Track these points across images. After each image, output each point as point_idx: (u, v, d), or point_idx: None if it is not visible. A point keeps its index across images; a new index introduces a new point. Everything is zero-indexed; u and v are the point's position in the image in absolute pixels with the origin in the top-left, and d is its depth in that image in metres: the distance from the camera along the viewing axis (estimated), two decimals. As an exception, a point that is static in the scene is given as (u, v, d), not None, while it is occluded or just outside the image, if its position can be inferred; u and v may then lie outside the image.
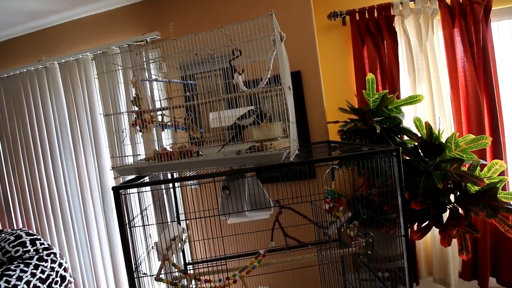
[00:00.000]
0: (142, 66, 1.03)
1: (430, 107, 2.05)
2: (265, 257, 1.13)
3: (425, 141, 1.50)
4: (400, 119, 1.59)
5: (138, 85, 1.09)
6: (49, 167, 2.45)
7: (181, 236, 1.29)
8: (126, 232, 0.87)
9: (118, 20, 2.26)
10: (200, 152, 1.03)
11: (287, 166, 0.83)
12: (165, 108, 1.11)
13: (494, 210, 1.39)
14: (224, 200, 1.14)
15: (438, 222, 1.52)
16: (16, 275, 2.00)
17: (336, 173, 1.44)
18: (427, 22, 2.03)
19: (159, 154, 0.95)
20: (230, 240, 1.69)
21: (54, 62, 2.33)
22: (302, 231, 1.52)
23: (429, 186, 1.46)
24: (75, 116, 2.34)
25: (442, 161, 1.48)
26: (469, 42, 1.98)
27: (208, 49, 0.93)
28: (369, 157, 1.01)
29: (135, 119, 1.12)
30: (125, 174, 0.99)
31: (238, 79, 1.23)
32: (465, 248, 1.52)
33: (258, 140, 0.91)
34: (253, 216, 1.15)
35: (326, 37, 2.24)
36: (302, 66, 1.95)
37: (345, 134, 1.75)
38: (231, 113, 1.15)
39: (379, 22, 2.08)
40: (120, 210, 0.87)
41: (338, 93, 2.20)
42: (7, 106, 2.50)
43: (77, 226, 2.46)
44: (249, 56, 1.17)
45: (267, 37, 0.88)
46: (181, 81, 1.32)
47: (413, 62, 2.06)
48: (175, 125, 1.29)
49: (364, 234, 1.10)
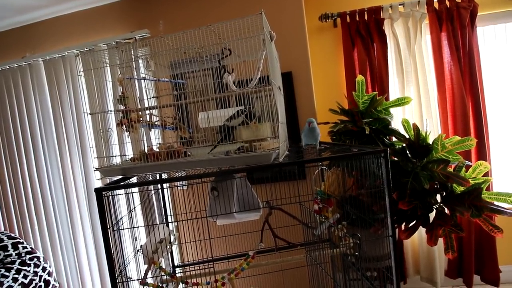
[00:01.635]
0: (128, 63, 1.01)
1: (417, 109, 2.08)
2: (254, 259, 1.12)
3: (413, 143, 1.52)
4: (389, 121, 1.61)
5: (124, 83, 1.06)
6: (33, 168, 2.37)
7: (169, 238, 1.27)
8: (110, 235, 0.84)
9: (106, 17, 2.21)
10: (188, 152, 1.01)
11: (276, 167, 0.82)
12: (152, 107, 1.09)
13: (478, 210, 1.42)
14: (213, 201, 1.13)
15: (425, 222, 1.54)
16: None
17: (326, 174, 1.45)
18: (415, 26, 2.07)
19: (145, 155, 0.93)
20: (219, 242, 1.67)
21: (38, 59, 2.26)
22: (292, 232, 1.51)
23: (417, 186, 1.49)
24: (60, 115, 2.27)
25: (429, 162, 1.51)
26: (455, 46, 2.03)
27: (197, 47, 0.92)
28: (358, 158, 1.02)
29: (121, 119, 1.09)
30: (110, 175, 0.96)
31: (228, 79, 1.22)
32: (450, 247, 1.55)
33: (247, 141, 0.90)
34: (242, 217, 1.14)
35: (317, 39, 2.25)
36: (293, 67, 1.95)
37: (335, 135, 1.76)
38: (221, 113, 1.14)
39: (369, 25, 2.10)
40: (103, 212, 0.84)
41: (329, 95, 2.21)
42: (-11, 104, 2.41)
43: (62, 229, 2.38)
44: (239, 56, 1.16)
45: (257, 36, 0.87)
46: (170, 80, 1.29)
47: (401, 65, 2.09)
48: (163, 125, 1.27)
49: (351, 235, 1.11)
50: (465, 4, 2.01)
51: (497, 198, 1.45)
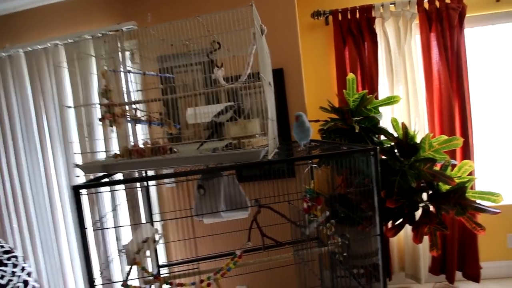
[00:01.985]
0: (111, 55, 0.96)
1: (406, 108, 2.11)
2: (241, 258, 1.10)
3: (401, 141, 1.53)
4: (378, 119, 1.62)
5: (107, 76, 1.01)
6: (12, 163, 2.26)
7: (153, 237, 1.23)
8: (87, 236, 0.80)
9: (91, 8, 2.12)
10: (174, 149, 0.98)
11: (265, 165, 0.80)
12: (138, 101, 1.04)
13: (463, 208, 1.45)
14: (199, 200, 1.10)
15: (411, 220, 1.56)
16: (-28, 280, 1.83)
17: (316, 172, 1.44)
18: (406, 25, 2.08)
19: (129, 151, 0.89)
20: (206, 240, 1.64)
21: (19, 50, 2.15)
22: (280, 230, 1.50)
23: (404, 185, 1.50)
24: (42, 109, 2.17)
25: (417, 161, 1.52)
26: (444, 47, 2.06)
27: (184, 39, 0.88)
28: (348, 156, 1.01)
29: (104, 113, 1.05)
30: (91, 172, 0.92)
31: (217, 74, 1.18)
32: (435, 245, 1.58)
33: (236, 137, 0.87)
34: (229, 216, 1.12)
35: (309, 36, 2.23)
36: (285, 63, 1.93)
37: (325, 133, 1.76)
38: (209, 109, 1.11)
39: (361, 23, 2.10)
40: (81, 211, 0.80)
41: (319, 92, 2.21)
42: (-35, 96, 2.28)
43: (43, 228, 2.29)
44: (228, 50, 1.13)
45: (247, 29, 0.84)
46: (157, 74, 1.25)
47: (391, 64, 2.10)
48: (149, 120, 1.23)
49: (340, 235, 1.11)
50: (455, 5, 2.04)
51: (481, 197, 1.48)
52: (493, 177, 2.23)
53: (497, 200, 1.43)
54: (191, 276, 1.25)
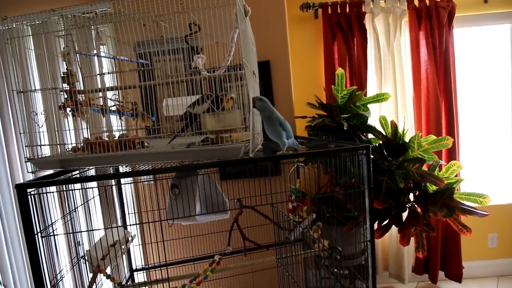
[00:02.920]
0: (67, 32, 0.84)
1: (393, 106, 2.07)
2: (219, 265, 1.01)
3: (390, 140, 1.48)
4: (367, 117, 1.56)
5: (69, 58, 0.88)
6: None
7: (124, 240, 1.12)
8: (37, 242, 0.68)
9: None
10: (145, 143, 0.87)
11: (245, 163, 0.71)
12: (104, 89, 0.92)
13: (450, 210, 1.42)
14: (173, 201, 0.99)
15: (398, 221, 1.52)
16: None
17: (302, 170, 1.37)
18: (395, 22, 2.04)
19: (90, 144, 0.77)
20: (185, 242, 1.54)
21: (-21, 30, 1.94)
22: (263, 231, 1.42)
23: (391, 185, 1.45)
24: (5, 94, 1.97)
25: (405, 161, 1.48)
26: (432, 46, 2.03)
27: (154, 15, 0.77)
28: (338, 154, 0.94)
29: (65, 100, 0.92)
30: (46, 168, 0.80)
31: (197, 61, 1.07)
32: (421, 247, 1.55)
33: (214, 131, 0.77)
34: (206, 219, 1.02)
35: (297, 29, 2.15)
36: (272, 56, 1.83)
37: (312, 130, 1.68)
38: (187, 101, 1.00)
39: (351, 18, 2.04)
40: (28, 215, 0.68)
41: (307, 87, 2.13)
42: None
43: (7, 224, 2.10)
44: (210, 36, 1.02)
45: (227, 6, 0.74)
46: (130, 59, 1.12)
47: (380, 62, 2.06)
48: (120, 111, 1.10)
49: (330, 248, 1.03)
50: (444, 3, 2.01)
51: (468, 198, 1.46)
52: (477, 177, 2.24)
53: (484, 201, 1.41)
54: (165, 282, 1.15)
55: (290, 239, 1.06)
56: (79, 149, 0.83)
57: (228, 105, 0.92)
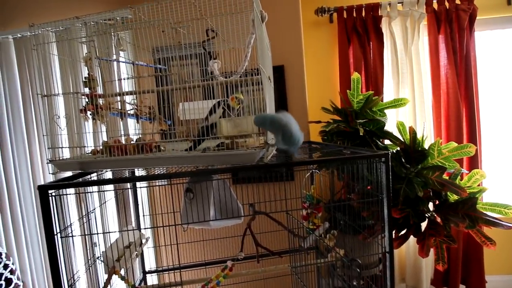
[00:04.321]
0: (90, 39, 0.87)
1: (411, 112, 2.01)
2: (232, 271, 1.00)
3: (408, 147, 1.44)
4: (384, 122, 1.52)
5: (91, 64, 0.91)
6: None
7: (138, 241, 1.13)
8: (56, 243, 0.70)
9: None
10: (161, 147, 0.88)
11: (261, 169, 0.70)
12: (124, 93, 0.94)
13: (472, 221, 1.35)
14: (188, 205, 0.99)
15: (417, 231, 1.46)
16: None
17: (316, 177, 1.34)
18: (413, 26, 1.99)
19: (109, 147, 0.79)
20: (196, 245, 1.54)
21: (8, 37, 2.04)
22: (277, 238, 1.40)
23: (410, 193, 1.40)
24: (29, 98, 2.06)
25: (424, 168, 1.43)
26: (453, 50, 1.97)
27: (173, 22, 0.78)
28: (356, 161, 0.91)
29: (86, 104, 0.95)
30: (66, 170, 0.82)
31: (213, 66, 1.08)
32: (441, 259, 1.48)
33: (229, 136, 0.77)
34: (220, 225, 1.02)
35: (312, 34, 2.14)
36: (286, 61, 1.83)
37: (327, 135, 1.66)
38: (203, 105, 1.01)
39: (367, 22, 2.01)
40: (49, 216, 0.70)
41: (321, 92, 2.11)
42: (-51, 84, 2.17)
43: (28, 223, 2.18)
44: (225, 40, 1.02)
45: (245, 12, 0.74)
46: (148, 65, 1.15)
47: (397, 66, 2.01)
48: (138, 115, 1.13)
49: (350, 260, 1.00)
50: (465, 6, 1.95)
51: (492, 209, 1.38)
52: (501, 187, 2.14)
53: (509, 213, 1.34)
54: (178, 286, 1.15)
55: (304, 248, 1.04)
56: (98, 152, 0.85)
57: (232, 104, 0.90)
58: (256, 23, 0.73)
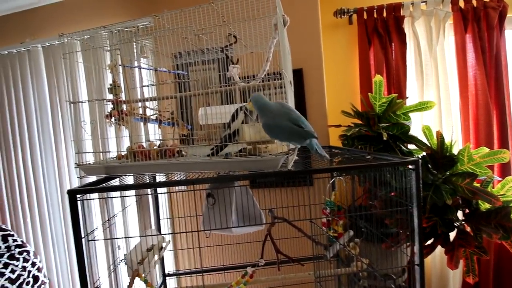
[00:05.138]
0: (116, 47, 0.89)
1: (437, 115, 1.93)
2: (252, 278, 0.99)
3: (435, 152, 1.37)
4: (409, 127, 1.46)
5: (116, 71, 0.93)
6: (27, 158, 2.26)
7: (159, 245, 1.14)
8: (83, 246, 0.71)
9: (108, 3, 2.09)
10: (183, 152, 0.88)
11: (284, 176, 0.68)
12: (146, 99, 0.96)
13: (507, 232, 1.26)
14: (209, 210, 0.99)
15: (445, 241, 1.39)
16: (-19, 275, 1.81)
17: (338, 183, 1.31)
18: (438, 26, 1.91)
19: (133, 152, 0.80)
20: (215, 250, 1.54)
21: (37, 45, 2.15)
22: (296, 244, 1.38)
23: (437, 201, 1.33)
24: (57, 104, 2.16)
25: (453, 175, 1.35)
26: (481, 49, 1.87)
27: (196, 29, 0.79)
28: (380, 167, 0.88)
29: (111, 110, 0.97)
30: (92, 174, 0.84)
31: (233, 71, 1.08)
32: (472, 271, 1.39)
33: (251, 142, 0.76)
34: (241, 231, 1.01)
35: (330, 36, 2.10)
36: (305, 64, 1.81)
37: (347, 139, 1.62)
38: (222, 110, 1.01)
39: (388, 23, 1.95)
40: (77, 219, 0.72)
41: (340, 96, 2.07)
42: (-15, 90, 2.31)
43: (54, 223, 2.28)
44: (246, 46, 1.02)
45: (267, 16, 0.74)
46: (169, 71, 1.17)
47: (421, 67, 1.94)
48: (159, 120, 1.14)
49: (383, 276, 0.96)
50: (494, 4, 1.85)
51: (529, 219, 1.29)
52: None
53: (549, 224, 1.24)
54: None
55: (328, 256, 1.01)
56: (122, 157, 0.87)
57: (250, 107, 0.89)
58: (279, 28, 0.72)
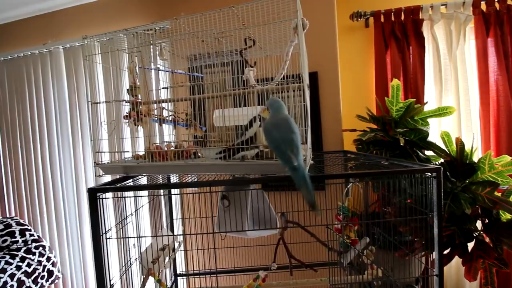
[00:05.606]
0: (137, 49, 0.91)
1: (456, 121, 1.87)
2: (265, 281, 0.98)
3: (454, 159, 1.33)
4: (427, 132, 1.42)
5: (135, 72, 0.95)
6: (46, 156, 2.34)
7: (172, 245, 1.15)
8: (102, 244, 0.73)
9: (127, 7, 2.15)
10: (199, 153, 0.89)
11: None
12: (164, 100, 0.97)
13: (530, 244, 1.21)
14: (222, 212, 0.99)
15: (463, 252, 1.34)
16: (0, 267, 1.88)
17: (353, 188, 1.29)
18: (458, 29, 1.86)
19: (151, 153, 0.82)
20: (226, 251, 1.54)
21: (58, 47, 2.23)
22: (308, 249, 1.36)
23: (456, 210, 1.29)
24: (75, 104, 2.23)
25: (472, 183, 1.31)
26: (504, 54, 1.81)
27: (216, 32, 0.80)
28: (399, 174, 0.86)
29: (129, 111, 0.99)
30: (111, 173, 0.86)
31: (249, 74, 1.09)
32: (491, 283, 1.34)
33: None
34: (256, 234, 1.00)
35: (346, 39, 2.08)
36: (320, 67, 1.79)
37: (362, 144, 1.59)
38: (238, 112, 1.01)
39: (406, 26, 1.92)
40: (97, 217, 0.73)
41: (355, 100, 2.04)
42: (9, 89, 2.41)
43: (69, 220, 2.34)
44: (261, 48, 1.02)
45: (288, 20, 0.74)
46: (186, 73, 1.18)
47: (440, 72, 1.89)
48: (175, 121, 1.16)
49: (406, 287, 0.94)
50: (519, 7, 1.79)
51: (555, 232, 1.23)
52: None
53: None
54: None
55: (344, 264, 0.99)
56: (140, 157, 0.89)
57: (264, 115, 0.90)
58: (299, 31, 0.72)
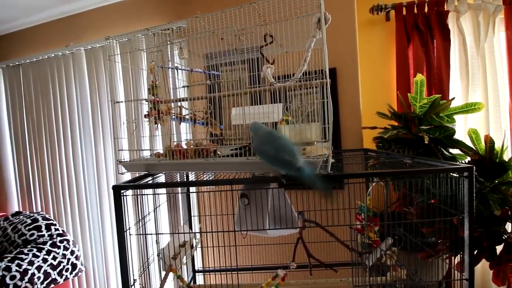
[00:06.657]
0: (159, 48, 0.92)
1: (483, 118, 1.77)
2: (284, 280, 0.98)
3: (483, 158, 1.26)
4: (454, 130, 1.36)
5: (155, 72, 0.97)
6: (69, 153, 2.43)
7: (191, 241, 1.17)
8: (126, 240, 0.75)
9: (145, 8, 2.18)
10: (218, 152, 0.89)
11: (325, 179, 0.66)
12: (183, 99, 0.98)
13: None
14: (242, 210, 0.99)
15: (491, 255, 1.28)
16: (28, 259, 1.98)
17: (374, 187, 1.25)
18: (487, 20, 1.76)
19: (171, 151, 0.83)
20: (244, 249, 1.54)
21: (80, 48, 2.30)
22: (327, 248, 1.34)
23: (484, 211, 1.23)
24: (97, 104, 2.29)
25: (502, 183, 1.24)
26: (538, 46, 1.69)
27: (236, 29, 0.79)
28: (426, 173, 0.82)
29: (149, 109, 1.00)
30: (133, 170, 0.88)
31: (267, 72, 1.07)
32: (522, 289, 1.27)
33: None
34: (276, 233, 0.99)
35: (366, 33, 2.02)
36: (339, 63, 1.75)
37: (383, 142, 1.54)
38: (256, 110, 1.00)
39: (430, 18, 1.83)
40: (121, 214, 0.75)
41: (375, 96, 1.98)
42: (34, 90, 2.52)
43: (91, 215, 2.42)
44: (281, 45, 1.01)
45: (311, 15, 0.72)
46: (204, 71, 1.18)
47: (467, 66, 1.79)
48: (193, 119, 1.16)
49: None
50: (555, -6, 1.67)
51: None
52: None
53: None
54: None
55: (368, 265, 0.97)
56: (161, 155, 0.90)
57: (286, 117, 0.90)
58: (322, 26, 0.69)
